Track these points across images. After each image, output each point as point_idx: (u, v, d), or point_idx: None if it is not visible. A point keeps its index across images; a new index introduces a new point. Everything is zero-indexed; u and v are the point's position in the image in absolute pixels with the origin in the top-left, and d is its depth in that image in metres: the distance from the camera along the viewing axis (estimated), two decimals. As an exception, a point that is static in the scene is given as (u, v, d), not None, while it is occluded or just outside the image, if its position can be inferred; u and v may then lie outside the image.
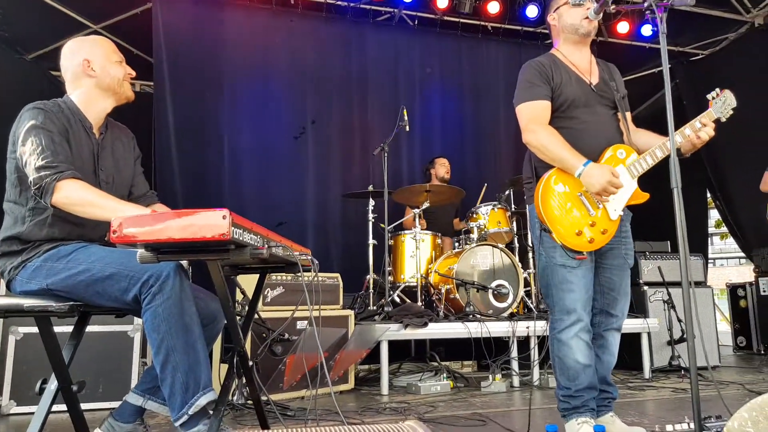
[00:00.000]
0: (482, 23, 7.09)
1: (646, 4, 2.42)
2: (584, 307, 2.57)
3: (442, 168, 6.13)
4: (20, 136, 2.17)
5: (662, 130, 2.51)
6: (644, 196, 2.66)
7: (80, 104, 2.38)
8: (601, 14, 2.71)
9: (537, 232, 2.69)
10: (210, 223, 1.63)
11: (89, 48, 2.43)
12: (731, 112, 2.78)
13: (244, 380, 2.31)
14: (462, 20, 6.99)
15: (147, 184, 2.66)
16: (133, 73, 2.50)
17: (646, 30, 7.02)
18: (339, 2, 6.64)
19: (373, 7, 6.81)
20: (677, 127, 2.37)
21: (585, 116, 2.68)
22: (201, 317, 2.17)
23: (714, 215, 10.58)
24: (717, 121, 2.74)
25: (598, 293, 2.70)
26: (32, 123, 2.18)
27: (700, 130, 2.62)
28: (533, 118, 2.64)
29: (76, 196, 2.07)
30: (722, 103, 2.76)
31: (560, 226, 2.55)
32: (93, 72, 2.39)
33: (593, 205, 2.58)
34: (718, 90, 2.79)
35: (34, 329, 3.25)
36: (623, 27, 7.02)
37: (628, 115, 2.84)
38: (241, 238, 1.71)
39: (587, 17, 2.69)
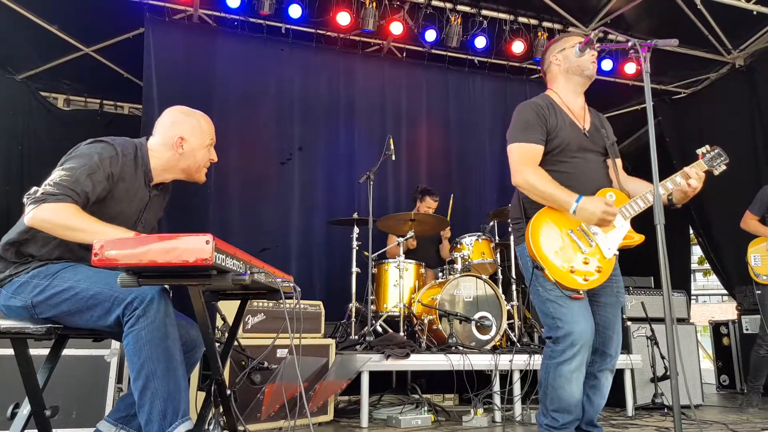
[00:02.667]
0: (469, 57, 7.18)
1: (630, 44, 2.47)
2: (589, 340, 2.55)
3: (424, 206, 5.98)
4: (76, 150, 2.21)
5: (645, 166, 2.55)
6: (639, 238, 2.68)
7: (153, 162, 2.41)
8: (585, 53, 2.78)
9: (531, 269, 2.69)
10: (193, 247, 1.62)
11: (191, 127, 2.46)
12: (724, 167, 2.84)
13: (222, 409, 2.27)
14: (449, 54, 7.08)
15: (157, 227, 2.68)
16: (215, 159, 2.55)
17: (630, 68, 7.15)
18: (329, 33, 6.70)
19: (363, 39, 6.89)
20: (660, 163, 2.40)
21: (576, 161, 2.73)
22: (181, 344, 2.14)
23: (697, 251, 10.67)
24: (708, 173, 2.79)
25: (594, 332, 2.67)
26: (93, 151, 2.21)
27: (690, 178, 2.65)
28: (523, 160, 2.67)
29: (53, 218, 2.03)
30: (712, 156, 2.82)
31: (553, 264, 2.55)
32: (181, 150, 2.43)
33: (585, 243, 2.59)
34: (707, 146, 2.85)
35: (8, 351, 3.18)
36: (607, 65, 7.15)
37: (619, 162, 2.89)
38: (223, 264, 1.70)
39: (591, 60, 2.77)
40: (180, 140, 2.42)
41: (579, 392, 2.54)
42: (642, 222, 2.83)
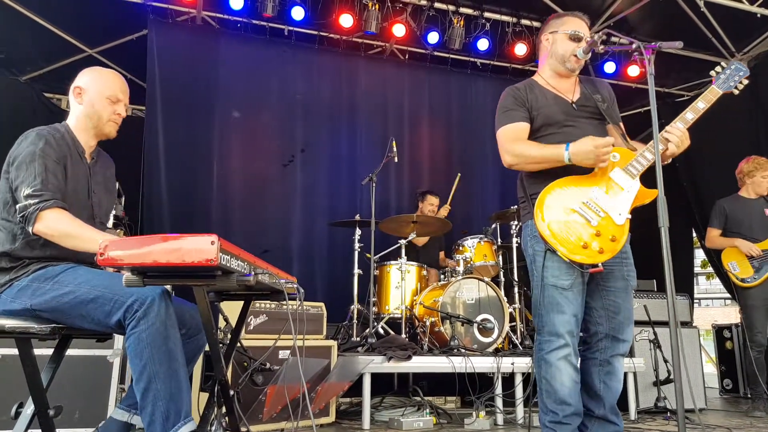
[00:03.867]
0: (471, 59, 7.20)
1: (634, 46, 2.47)
2: (572, 332, 2.55)
3: (428, 205, 6.11)
4: (17, 159, 2.21)
5: (649, 167, 2.53)
6: (651, 194, 2.55)
7: (74, 129, 2.45)
8: (589, 54, 2.75)
9: (530, 250, 2.69)
10: (198, 248, 1.62)
11: (90, 78, 2.50)
12: (745, 81, 2.77)
13: (224, 410, 2.27)
14: (452, 56, 7.08)
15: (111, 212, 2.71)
16: (122, 115, 2.54)
17: (633, 71, 7.15)
18: (331, 35, 6.71)
19: (365, 41, 6.90)
20: (665, 164, 2.40)
21: (567, 130, 2.69)
22: (186, 328, 2.16)
23: (700, 255, 10.65)
24: (729, 95, 2.70)
25: (603, 318, 2.66)
26: (31, 149, 2.21)
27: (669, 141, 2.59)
28: (508, 139, 2.69)
29: (55, 227, 2.11)
30: (727, 75, 2.72)
31: (565, 243, 2.52)
32: (80, 100, 2.46)
33: (594, 214, 2.54)
34: (723, 64, 2.79)
35: (11, 351, 3.19)
36: (610, 67, 7.16)
37: (621, 127, 2.84)
38: (228, 265, 1.69)
39: (575, 55, 2.73)
40: (77, 90, 2.46)
41: (571, 382, 2.52)
42: (645, 225, 2.81)
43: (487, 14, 6.66)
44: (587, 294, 2.65)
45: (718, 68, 2.78)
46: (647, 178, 2.57)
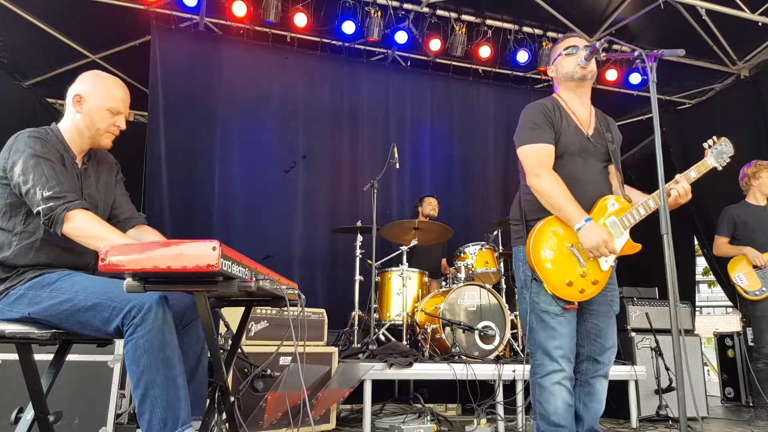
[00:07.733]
0: (473, 66, 7.21)
1: (636, 54, 2.47)
2: (567, 356, 2.57)
3: (428, 206, 6.18)
4: (17, 163, 2.15)
5: (650, 176, 2.53)
6: (636, 248, 2.67)
7: (65, 133, 2.38)
8: (593, 60, 2.76)
9: (521, 275, 2.71)
10: (199, 253, 1.61)
11: (93, 86, 2.42)
12: (728, 160, 2.83)
13: (225, 416, 2.26)
14: (454, 63, 7.11)
15: (133, 207, 2.65)
16: (122, 127, 2.47)
17: (635, 78, 7.16)
18: (334, 41, 6.73)
19: (367, 48, 6.92)
20: (664, 173, 2.40)
21: (578, 166, 2.72)
22: (191, 318, 2.14)
23: (701, 263, 10.62)
24: (713, 171, 2.79)
25: (585, 340, 2.70)
26: (31, 152, 2.17)
27: (679, 184, 2.67)
28: (539, 162, 2.66)
29: (86, 228, 2.09)
30: (718, 151, 2.81)
31: (551, 276, 2.56)
32: (79, 108, 2.38)
33: (584, 256, 2.59)
34: (714, 138, 2.83)
35: (11, 356, 3.18)
36: (612, 74, 7.16)
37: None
38: (229, 270, 1.69)
39: (578, 63, 2.74)
40: (77, 98, 2.37)
41: (564, 406, 2.55)
42: (647, 232, 2.81)
43: (489, 21, 6.68)
44: None
45: (710, 141, 2.85)
46: (649, 179, 2.59)
